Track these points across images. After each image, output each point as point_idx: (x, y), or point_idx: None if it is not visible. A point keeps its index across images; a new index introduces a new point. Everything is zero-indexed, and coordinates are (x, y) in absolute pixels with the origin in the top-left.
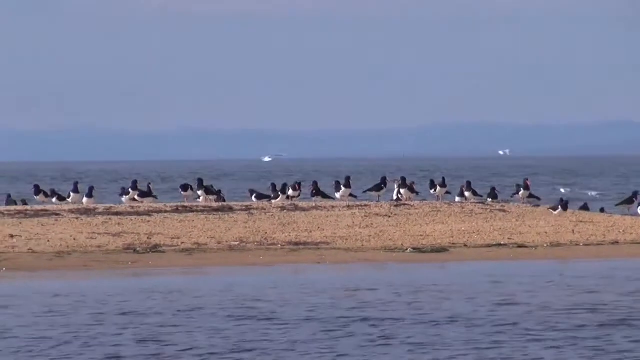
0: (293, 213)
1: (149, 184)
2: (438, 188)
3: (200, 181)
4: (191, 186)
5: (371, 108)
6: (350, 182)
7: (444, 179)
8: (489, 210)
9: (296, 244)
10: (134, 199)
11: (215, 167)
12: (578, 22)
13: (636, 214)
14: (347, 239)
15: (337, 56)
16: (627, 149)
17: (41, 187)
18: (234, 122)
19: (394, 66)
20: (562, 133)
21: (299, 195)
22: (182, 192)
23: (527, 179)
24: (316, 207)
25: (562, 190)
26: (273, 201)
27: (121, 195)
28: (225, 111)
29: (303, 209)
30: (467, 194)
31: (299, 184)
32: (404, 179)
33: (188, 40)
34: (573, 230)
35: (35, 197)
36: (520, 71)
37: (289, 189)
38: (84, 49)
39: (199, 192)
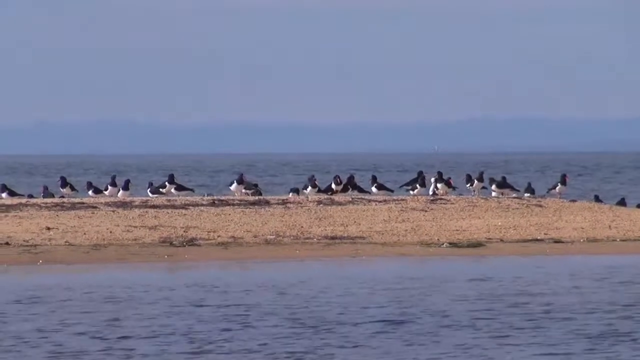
0: (329, 207)
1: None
2: (475, 182)
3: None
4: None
5: (404, 102)
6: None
7: (481, 173)
8: (525, 205)
9: (332, 238)
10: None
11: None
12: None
13: None
14: (383, 234)
15: (366, 49)
16: None
17: (68, 180)
18: (271, 115)
19: (424, 58)
20: (596, 128)
21: (342, 190)
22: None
23: (566, 175)
24: (352, 202)
25: None
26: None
27: (150, 189)
28: (262, 104)
29: (339, 203)
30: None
31: (340, 178)
32: (440, 174)
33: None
34: (610, 226)
35: (61, 189)
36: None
37: (332, 183)
38: (124, 40)
39: (234, 187)
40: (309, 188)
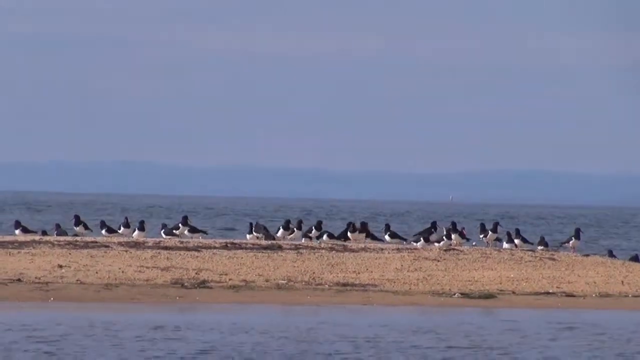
0: (342, 254)
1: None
2: (489, 234)
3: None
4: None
5: (421, 151)
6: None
7: (495, 224)
8: (538, 258)
9: (344, 284)
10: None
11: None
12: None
13: None
14: (395, 282)
15: (380, 98)
16: None
17: (82, 218)
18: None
19: (440, 108)
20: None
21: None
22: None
23: (580, 229)
24: (365, 249)
25: None
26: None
27: (163, 229)
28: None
29: (352, 250)
30: (516, 241)
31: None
32: (454, 224)
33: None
34: (622, 281)
35: (75, 228)
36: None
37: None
38: (144, 86)
39: (280, 233)
40: (349, 232)
